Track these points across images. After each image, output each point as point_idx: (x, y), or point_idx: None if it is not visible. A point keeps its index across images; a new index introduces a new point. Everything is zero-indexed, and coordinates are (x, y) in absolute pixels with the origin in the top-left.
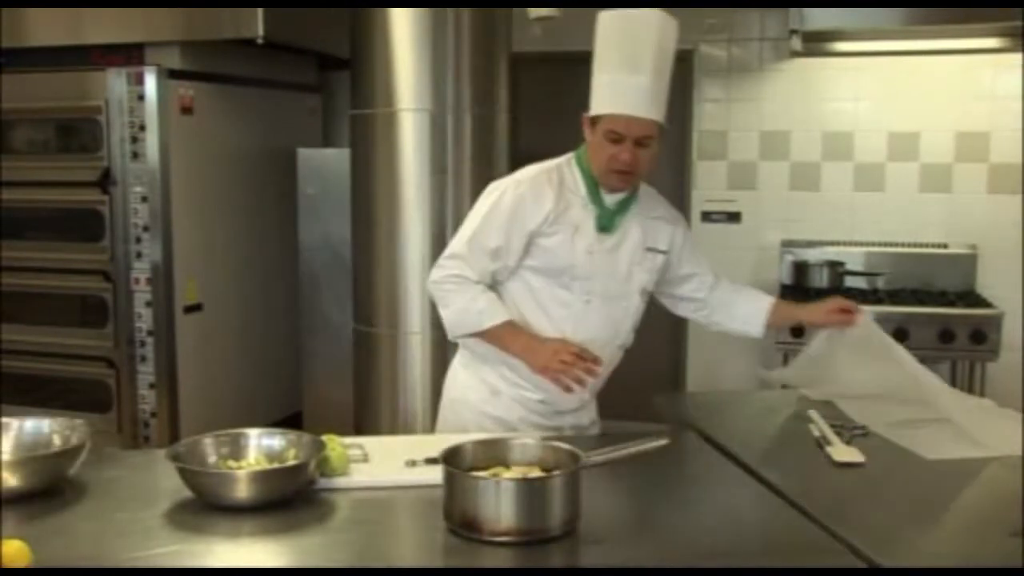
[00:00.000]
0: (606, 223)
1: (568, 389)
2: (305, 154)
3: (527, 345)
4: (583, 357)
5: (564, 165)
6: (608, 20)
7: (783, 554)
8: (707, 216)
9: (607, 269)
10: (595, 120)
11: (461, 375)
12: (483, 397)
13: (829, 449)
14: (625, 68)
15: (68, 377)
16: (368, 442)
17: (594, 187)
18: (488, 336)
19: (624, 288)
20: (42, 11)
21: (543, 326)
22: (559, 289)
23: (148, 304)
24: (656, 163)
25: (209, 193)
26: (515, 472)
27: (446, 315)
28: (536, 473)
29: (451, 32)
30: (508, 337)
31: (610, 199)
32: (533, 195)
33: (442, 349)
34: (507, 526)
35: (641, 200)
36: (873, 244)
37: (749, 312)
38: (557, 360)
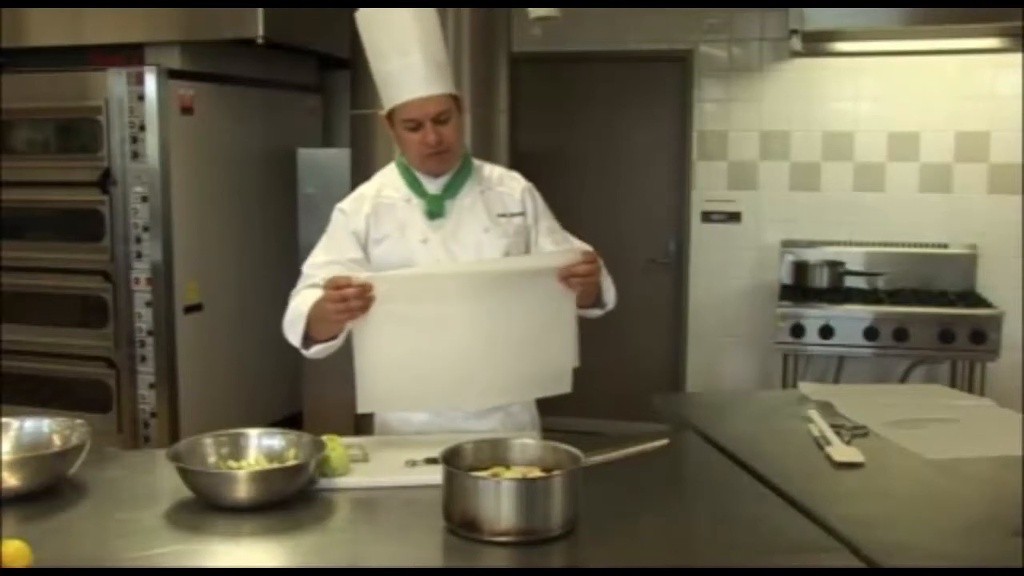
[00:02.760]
0: (434, 208)
1: (359, 312)
2: (305, 154)
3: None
4: (345, 294)
5: (386, 172)
6: (362, 17)
7: (783, 554)
8: (707, 216)
9: (451, 251)
10: (391, 117)
11: None
12: (401, 417)
13: (829, 449)
14: (393, 55)
15: (68, 377)
16: (368, 442)
17: (414, 181)
18: (315, 324)
19: None
20: (42, 11)
21: None
22: None
23: (148, 304)
24: (462, 135)
25: (209, 193)
26: (515, 472)
27: (286, 320)
28: (536, 473)
29: (451, 32)
30: (321, 310)
31: (434, 186)
32: (351, 207)
33: None
34: (507, 526)
35: (477, 174)
36: (873, 244)
37: None
38: (328, 307)
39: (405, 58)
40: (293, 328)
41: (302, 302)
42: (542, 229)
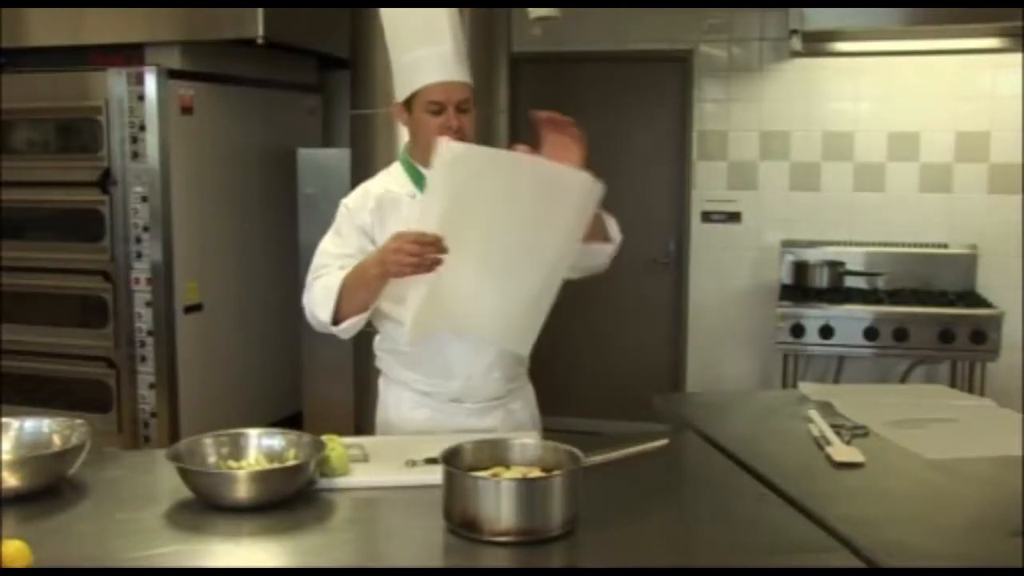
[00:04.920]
0: None
1: (428, 269)
2: (305, 154)
3: (376, 260)
4: (422, 242)
5: (391, 170)
6: (388, 12)
7: (783, 554)
8: (707, 216)
9: None
10: (409, 102)
11: (386, 392)
12: (402, 415)
13: (829, 449)
14: (425, 41)
15: (68, 377)
16: (368, 442)
17: (419, 178)
18: (352, 287)
19: None
20: (42, 11)
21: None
22: (418, 282)
23: (148, 304)
24: (474, 128)
25: (209, 193)
26: (515, 472)
27: (315, 299)
28: (536, 473)
29: None
30: (366, 267)
31: None
32: (356, 203)
33: None
34: (507, 526)
35: None
36: (873, 244)
37: None
38: (399, 256)
39: (436, 46)
40: (324, 305)
41: (331, 279)
42: None
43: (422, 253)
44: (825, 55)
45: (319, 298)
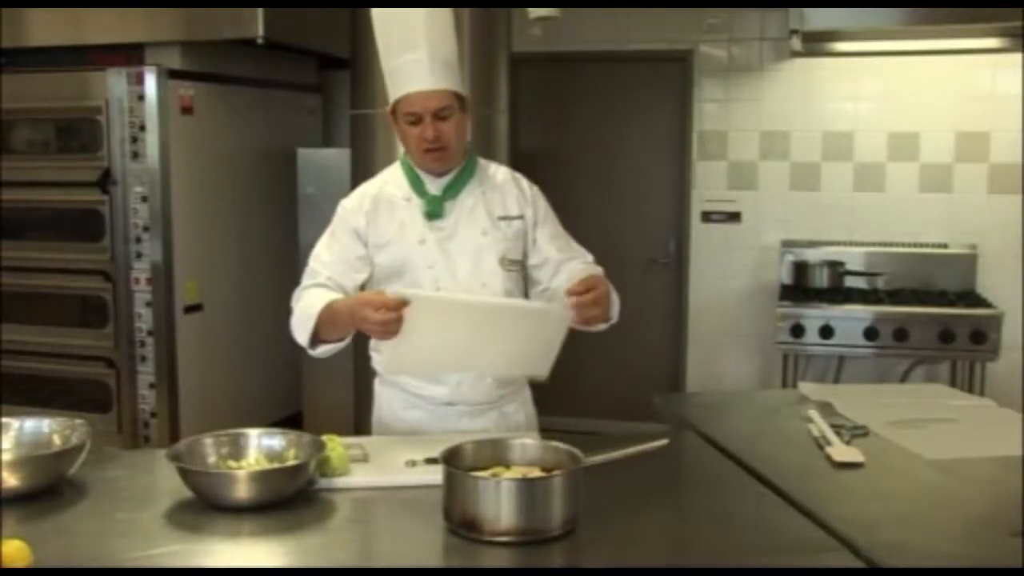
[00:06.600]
0: (433, 210)
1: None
2: (305, 154)
3: (347, 312)
4: (388, 310)
5: (391, 170)
6: (377, 15)
7: (783, 554)
8: (707, 216)
9: (448, 253)
10: (395, 112)
11: (380, 392)
12: (395, 416)
13: (829, 449)
14: (401, 50)
15: (68, 377)
16: (368, 442)
17: (416, 180)
18: (326, 324)
19: (476, 267)
20: (42, 11)
21: None
22: (410, 287)
23: (148, 304)
24: (464, 135)
25: (209, 193)
26: (515, 472)
27: (295, 319)
28: (536, 473)
29: None
30: (338, 313)
31: (435, 186)
32: (353, 204)
33: None
34: (507, 526)
35: (480, 174)
36: (873, 244)
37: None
38: (366, 325)
39: (412, 53)
40: (302, 328)
41: (311, 304)
42: (544, 235)
43: (386, 323)
44: (825, 55)
45: (297, 320)
